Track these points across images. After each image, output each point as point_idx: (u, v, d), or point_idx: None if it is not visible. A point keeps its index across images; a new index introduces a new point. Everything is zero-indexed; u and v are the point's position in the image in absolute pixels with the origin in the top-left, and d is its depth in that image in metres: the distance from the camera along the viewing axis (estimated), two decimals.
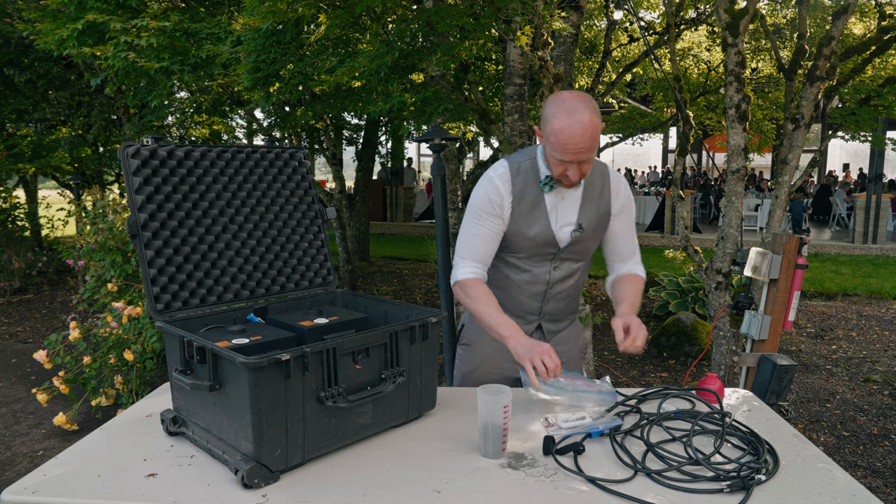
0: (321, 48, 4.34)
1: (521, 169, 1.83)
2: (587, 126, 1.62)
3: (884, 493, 3.24)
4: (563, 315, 1.99)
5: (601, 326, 6.50)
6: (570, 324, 2.04)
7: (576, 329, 2.07)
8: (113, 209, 4.28)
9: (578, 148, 1.63)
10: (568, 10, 5.00)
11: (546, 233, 1.82)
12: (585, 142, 1.63)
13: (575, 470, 1.36)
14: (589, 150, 1.66)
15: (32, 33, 5.11)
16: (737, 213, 3.70)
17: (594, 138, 1.65)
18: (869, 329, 6.54)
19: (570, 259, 1.89)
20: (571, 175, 1.70)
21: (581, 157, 1.66)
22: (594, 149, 1.68)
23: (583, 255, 1.92)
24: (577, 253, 1.89)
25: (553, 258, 1.87)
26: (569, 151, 1.64)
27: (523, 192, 1.81)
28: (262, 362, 1.26)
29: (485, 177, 1.84)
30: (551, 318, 1.97)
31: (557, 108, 1.65)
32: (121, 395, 3.89)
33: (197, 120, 8.81)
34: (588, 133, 1.62)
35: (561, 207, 1.83)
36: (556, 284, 1.91)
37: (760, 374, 2.89)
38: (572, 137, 1.62)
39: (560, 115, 1.64)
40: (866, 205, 11.92)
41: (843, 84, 4.36)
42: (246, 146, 1.85)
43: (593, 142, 1.65)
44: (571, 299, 1.99)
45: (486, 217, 1.82)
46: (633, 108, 10.37)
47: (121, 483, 1.31)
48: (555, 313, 1.97)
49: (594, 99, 6.52)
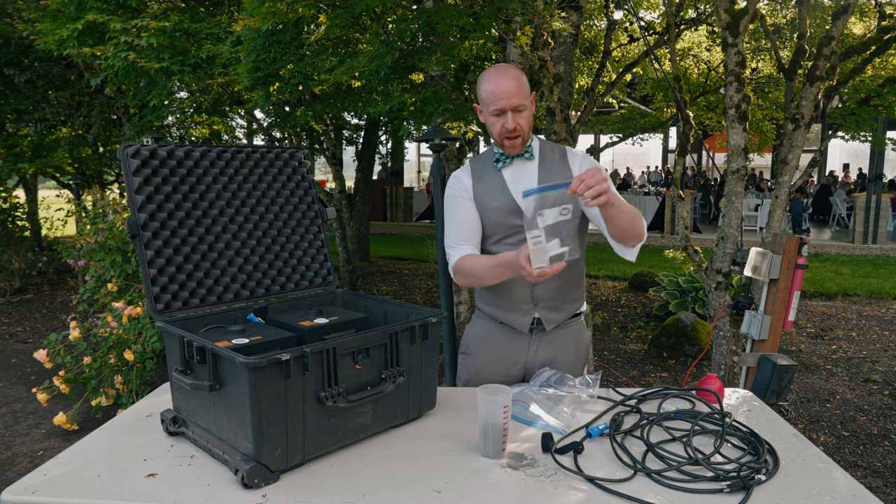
0: (321, 48, 4.34)
1: (479, 158, 1.98)
2: (510, 73, 1.77)
3: (884, 493, 3.24)
4: (560, 303, 1.92)
5: (601, 326, 6.50)
6: (571, 319, 1.98)
7: (578, 329, 2.01)
8: (113, 209, 4.28)
9: (507, 92, 1.76)
10: (568, 10, 5.00)
11: (509, 203, 1.87)
12: (511, 86, 1.76)
13: (575, 470, 1.36)
14: (517, 94, 1.76)
15: (32, 33, 5.11)
16: (737, 213, 3.70)
17: (520, 85, 1.77)
18: (869, 329, 6.54)
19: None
20: (509, 125, 1.79)
21: (511, 101, 1.76)
22: (523, 96, 1.78)
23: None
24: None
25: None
26: (499, 98, 1.77)
27: (482, 173, 1.93)
28: (262, 362, 1.26)
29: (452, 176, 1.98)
30: (547, 304, 1.91)
31: (483, 76, 1.83)
32: (121, 395, 3.89)
33: (197, 120, 8.81)
34: (512, 76, 1.77)
35: (520, 179, 1.89)
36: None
37: (760, 374, 2.89)
38: (497, 83, 1.77)
39: (487, 74, 1.82)
40: (866, 205, 11.93)
41: (843, 84, 4.37)
42: (246, 146, 1.85)
43: (520, 87, 1.77)
44: (566, 282, 1.91)
45: (456, 200, 1.93)
46: (633, 108, 10.37)
47: (121, 483, 1.31)
48: (550, 299, 1.91)
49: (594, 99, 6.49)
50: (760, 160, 19.71)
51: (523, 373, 1.98)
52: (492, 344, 1.98)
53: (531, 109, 1.84)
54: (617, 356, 5.58)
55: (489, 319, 2.00)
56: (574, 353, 2.00)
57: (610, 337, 6.20)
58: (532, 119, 1.86)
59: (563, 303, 1.94)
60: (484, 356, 1.99)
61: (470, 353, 2.03)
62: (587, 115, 6.25)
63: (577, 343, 2.01)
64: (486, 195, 1.90)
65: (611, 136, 10.34)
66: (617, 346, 5.91)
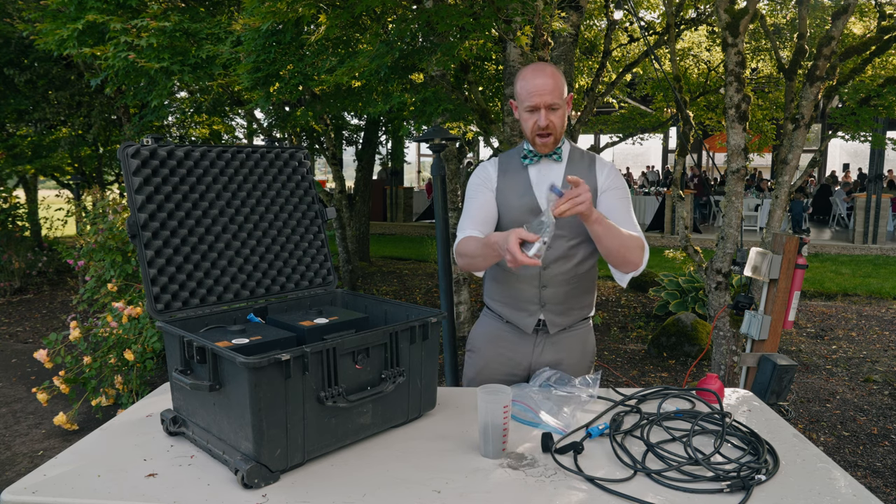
0: (321, 48, 4.35)
1: (508, 153, 1.99)
2: (548, 71, 1.79)
3: (884, 493, 3.24)
4: (567, 308, 1.92)
5: (601, 326, 6.51)
6: (578, 323, 1.97)
7: (585, 332, 2.00)
8: (113, 209, 4.28)
9: (542, 89, 1.77)
10: (568, 10, 5.00)
11: (531, 202, 1.88)
12: (548, 84, 1.77)
13: (574, 470, 1.36)
14: (552, 92, 1.78)
15: (32, 33, 5.11)
16: (737, 213, 3.70)
17: (556, 84, 1.79)
18: (869, 329, 6.54)
19: (562, 235, 1.85)
20: (541, 122, 1.79)
21: (546, 99, 1.78)
22: (558, 95, 1.79)
23: (574, 231, 1.86)
24: (567, 228, 1.85)
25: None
26: (535, 94, 1.78)
27: (508, 167, 1.94)
28: (262, 362, 1.26)
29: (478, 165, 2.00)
30: (554, 308, 1.91)
31: (520, 73, 1.86)
32: (121, 395, 3.89)
33: (197, 120, 8.81)
34: (549, 73, 1.78)
35: (544, 179, 1.89)
36: (552, 265, 1.87)
37: (760, 374, 2.89)
38: (534, 79, 1.78)
39: (524, 72, 1.84)
40: (866, 205, 11.93)
41: (843, 84, 4.36)
42: (246, 146, 1.85)
43: (556, 86, 1.78)
44: (575, 288, 1.91)
45: (478, 189, 1.94)
46: (633, 108, 10.37)
47: (121, 483, 1.31)
48: (557, 302, 1.90)
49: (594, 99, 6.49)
50: (760, 160, 19.70)
51: (528, 373, 1.98)
52: (497, 343, 1.99)
53: (566, 109, 1.85)
54: (617, 356, 5.58)
55: (496, 318, 2.01)
56: (579, 356, 1.99)
57: (610, 337, 6.20)
58: (566, 120, 1.86)
59: (571, 308, 1.94)
60: (489, 354, 2.00)
61: (475, 351, 2.05)
62: (587, 115, 6.26)
63: (583, 346, 2.00)
64: (509, 190, 1.91)
65: (611, 136, 10.33)
66: (617, 346, 5.91)
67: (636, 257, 1.77)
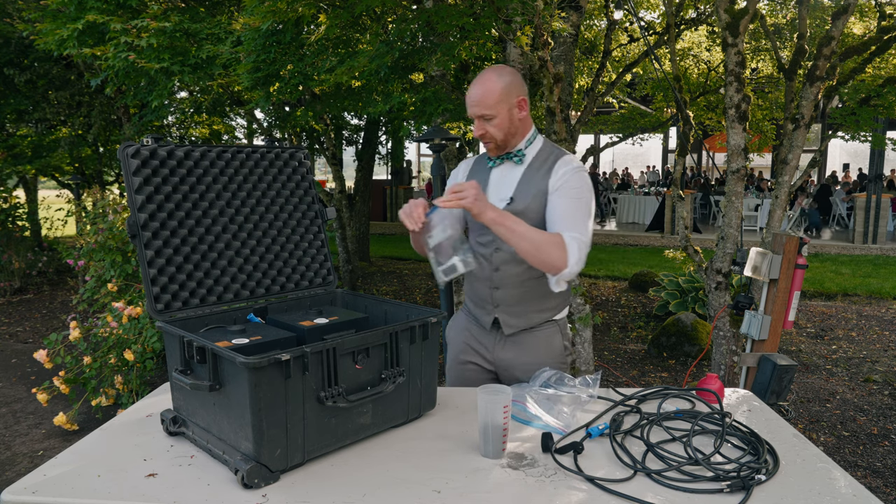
0: (321, 48, 4.35)
1: (482, 153, 2.04)
2: (483, 81, 1.80)
3: (884, 493, 3.24)
4: (522, 310, 1.91)
5: (601, 326, 6.51)
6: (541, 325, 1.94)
7: (549, 335, 1.96)
8: (113, 209, 4.28)
9: (473, 100, 1.80)
10: (568, 10, 5.00)
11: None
12: (476, 96, 1.79)
13: (574, 470, 1.36)
14: (481, 104, 1.79)
15: (32, 33, 5.11)
16: (737, 213, 3.70)
17: (490, 92, 1.79)
18: (869, 329, 6.54)
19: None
20: (475, 132, 1.84)
21: (474, 110, 1.81)
22: (487, 105, 1.79)
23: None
24: None
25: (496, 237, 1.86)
26: (469, 104, 1.82)
27: (476, 169, 2.01)
28: (262, 362, 1.26)
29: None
30: (507, 309, 1.92)
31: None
32: (121, 395, 3.89)
33: (197, 120, 8.81)
34: (482, 86, 1.79)
35: (503, 182, 1.92)
36: (503, 267, 1.88)
37: (760, 374, 2.89)
38: (470, 92, 1.82)
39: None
40: (866, 205, 11.92)
41: (843, 84, 4.36)
42: (246, 146, 1.85)
43: (486, 98, 1.79)
44: (529, 292, 1.90)
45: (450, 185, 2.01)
46: (633, 108, 10.37)
47: (121, 483, 1.31)
48: (510, 304, 1.91)
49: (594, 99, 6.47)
50: (760, 160, 19.71)
51: (493, 367, 2.00)
52: (464, 333, 2.05)
53: (510, 115, 1.82)
54: (617, 356, 5.58)
55: (466, 311, 2.08)
56: (546, 357, 1.95)
57: (610, 337, 6.20)
58: (511, 125, 1.84)
59: (526, 311, 1.93)
60: (460, 344, 2.05)
61: (449, 342, 2.12)
62: (587, 115, 6.26)
63: (549, 348, 1.96)
64: None
65: (611, 136, 10.34)
66: (617, 346, 5.91)
67: (554, 259, 1.71)
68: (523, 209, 1.83)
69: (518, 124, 1.86)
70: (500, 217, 1.68)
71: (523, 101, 1.85)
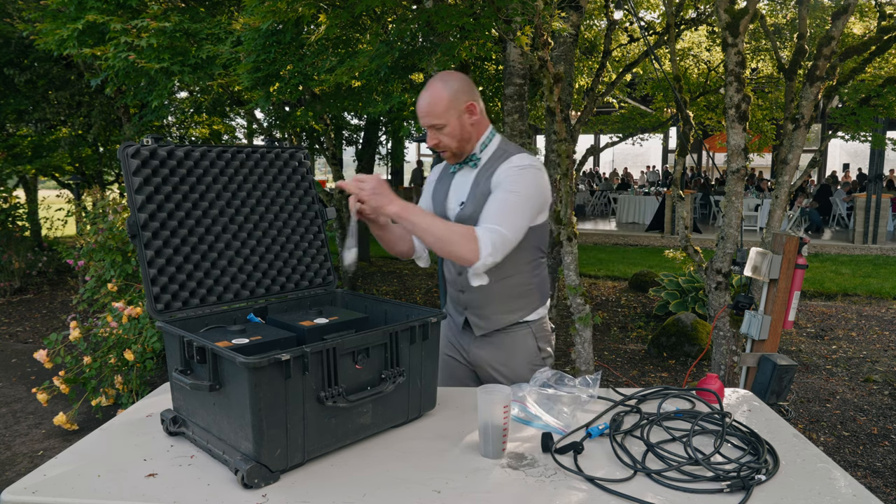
0: (321, 48, 4.35)
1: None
2: (429, 90, 1.80)
3: (884, 493, 3.24)
4: (489, 312, 1.92)
5: (601, 326, 6.51)
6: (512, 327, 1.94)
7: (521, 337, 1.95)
8: (113, 209, 4.28)
9: (422, 111, 1.81)
10: (568, 10, 5.00)
11: (440, 207, 1.99)
12: (423, 106, 1.80)
13: (575, 470, 1.36)
14: (427, 114, 1.80)
15: (32, 33, 5.11)
16: (737, 213, 3.69)
17: (435, 105, 1.79)
18: (869, 329, 6.54)
19: None
20: (428, 142, 1.85)
21: (426, 121, 1.81)
22: (435, 115, 1.80)
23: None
24: None
25: None
26: (419, 116, 1.83)
27: (442, 174, 2.04)
28: (262, 362, 1.26)
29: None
30: (475, 311, 1.94)
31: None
32: (121, 395, 3.89)
33: (197, 120, 8.81)
34: (429, 96, 1.80)
35: (460, 186, 1.95)
36: (465, 270, 1.91)
37: (760, 374, 2.89)
38: (418, 103, 1.83)
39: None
40: (866, 205, 11.92)
41: (843, 84, 4.36)
42: (246, 146, 1.85)
43: (434, 107, 1.79)
44: (492, 294, 1.91)
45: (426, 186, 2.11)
46: (633, 108, 10.37)
47: (121, 483, 1.31)
48: (477, 307, 1.93)
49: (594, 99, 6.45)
50: (760, 160, 19.71)
51: (468, 364, 2.04)
52: (447, 328, 2.09)
53: (460, 121, 1.82)
54: (617, 356, 5.58)
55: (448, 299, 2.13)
56: (519, 357, 1.95)
57: (610, 337, 6.20)
58: (463, 131, 1.84)
59: (493, 313, 1.93)
60: (443, 338, 2.08)
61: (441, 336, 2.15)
62: (587, 115, 6.26)
63: (522, 349, 1.96)
64: (434, 195, 2.04)
65: (611, 136, 10.34)
66: (617, 346, 5.91)
67: (464, 252, 1.68)
68: (471, 213, 1.84)
69: (471, 129, 1.85)
70: (404, 211, 1.67)
71: (473, 105, 1.83)
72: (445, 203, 1.98)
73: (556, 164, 5.02)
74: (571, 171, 3.69)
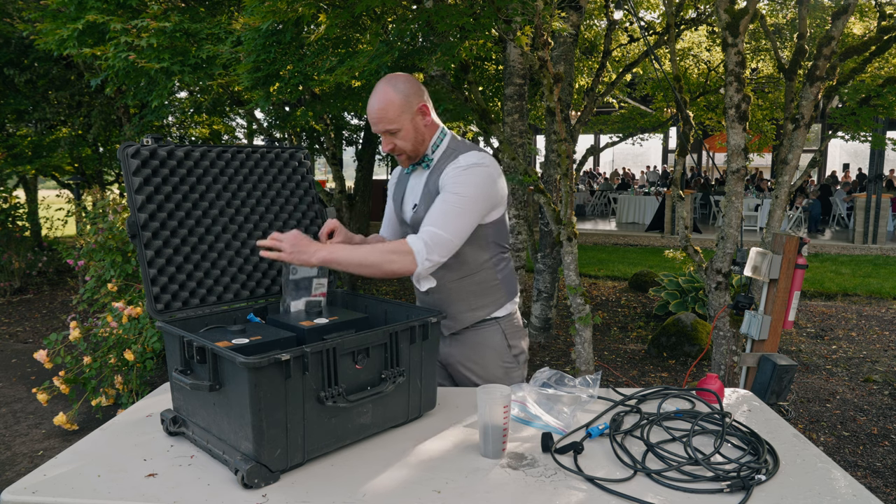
0: (321, 48, 4.34)
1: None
2: (379, 95, 1.77)
3: (884, 493, 3.24)
4: (452, 311, 1.92)
5: (601, 326, 6.51)
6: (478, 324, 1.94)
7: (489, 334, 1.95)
8: (113, 209, 4.28)
9: (374, 117, 1.78)
10: (568, 10, 5.00)
11: (398, 211, 2.02)
12: (375, 111, 1.77)
13: (575, 470, 1.36)
14: (379, 119, 1.77)
15: (32, 33, 5.11)
16: (737, 213, 3.69)
17: (387, 110, 1.76)
18: (869, 329, 6.54)
19: None
20: (383, 148, 1.84)
21: (380, 127, 1.79)
22: (388, 121, 1.77)
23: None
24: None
25: None
26: (371, 122, 1.80)
27: (399, 176, 2.05)
28: (263, 362, 1.26)
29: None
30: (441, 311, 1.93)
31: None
32: (121, 395, 3.89)
33: (197, 120, 8.82)
34: (377, 104, 1.77)
35: (414, 189, 1.95)
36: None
37: (760, 374, 2.89)
38: (369, 108, 1.79)
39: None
40: (866, 205, 11.92)
41: (843, 84, 4.36)
42: (246, 146, 1.85)
43: (386, 112, 1.76)
44: (454, 293, 1.90)
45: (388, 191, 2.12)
46: (633, 108, 10.37)
47: (121, 483, 1.31)
48: (440, 306, 1.91)
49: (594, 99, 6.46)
50: (760, 160, 19.70)
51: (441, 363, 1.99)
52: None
53: (414, 124, 1.80)
54: (617, 356, 5.58)
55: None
56: (490, 355, 1.95)
57: (610, 337, 6.20)
58: (417, 133, 1.82)
59: (459, 312, 1.92)
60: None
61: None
62: (587, 115, 6.26)
63: (490, 347, 1.95)
64: (393, 199, 2.06)
65: (611, 136, 10.33)
66: (617, 346, 5.91)
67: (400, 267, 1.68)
68: (424, 215, 1.82)
69: (424, 131, 1.84)
70: (329, 256, 1.64)
71: (424, 106, 1.82)
72: (402, 206, 2.00)
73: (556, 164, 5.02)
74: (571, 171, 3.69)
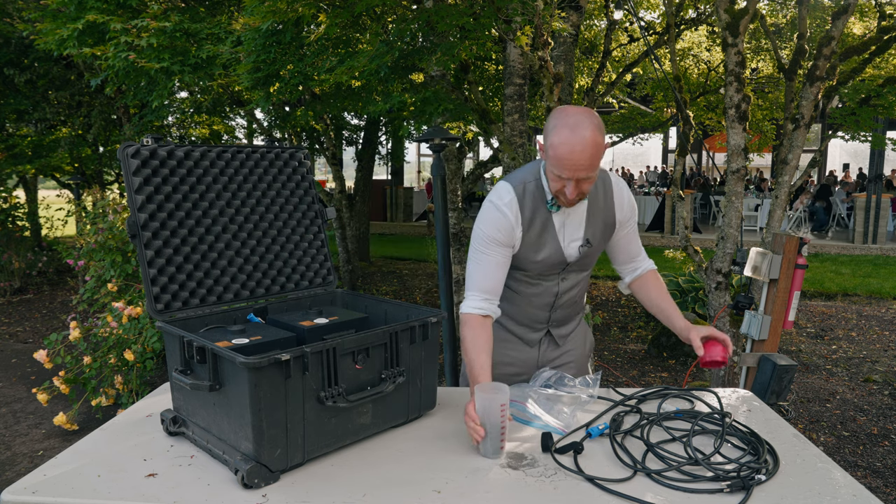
0: (321, 48, 4.34)
1: (527, 192, 1.76)
2: (588, 143, 1.55)
3: (884, 493, 3.24)
4: (569, 319, 2.00)
5: (601, 326, 6.51)
6: (577, 325, 2.04)
7: (582, 330, 2.07)
8: (113, 209, 4.28)
9: (576, 165, 1.57)
10: (568, 10, 5.00)
11: (556, 254, 1.79)
12: (585, 159, 1.56)
13: (574, 469, 1.36)
14: (588, 168, 1.58)
15: (32, 33, 5.11)
16: (737, 213, 3.69)
17: (595, 157, 1.57)
18: (869, 329, 6.54)
19: (576, 270, 1.89)
20: (569, 193, 1.62)
21: (579, 174, 1.58)
22: (594, 168, 1.60)
23: (588, 265, 1.92)
24: (583, 265, 1.89)
25: (561, 272, 1.86)
26: (566, 168, 1.58)
27: (532, 218, 1.76)
28: (262, 362, 1.26)
29: (492, 205, 1.75)
30: (559, 323, 1.98)
31: (560, 120, 1.59)
32: (121, 395, 3.89)
33: (197, 120, 8.81)
34: (588, 151, 1.55)
35: (568, 225, 1.79)
36: (564, 294, 1.91)
37: (760, 374, 2.89)
38: (571, 153, 1.56)
39: (561, 129, 1.57)
40: (866, 205, 11.92)
41: (843, 84, 4.36)
42: (246, 146, 1.85)
43: (594, 160, 1.58)
44: (577, 304, 2.00)
45: (495, 246, 1.75)
46: (633, 108, 10.37)
47: (121, 483, 1.31)
48: (562, 319, 1.98)
49: (594, 99, 6.47)
50: (760, 160, 19.70)
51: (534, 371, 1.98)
52: (503, 344, 1.93)
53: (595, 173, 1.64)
54: (617, 356, 5.58)
55: (499, 326, 1.95)
56: (580, 351, 2.05)
57: (610, 337, 6.20)
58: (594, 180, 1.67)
59: (573, 317, 2.01)
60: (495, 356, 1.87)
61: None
62: None
63: (584, 342, 2.07)
64: (533, 245, 1.78)
65: (611, 136, 10.33)
66: (617, 346, 5.91)
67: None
68: (597, 247, 1.86)
69: None
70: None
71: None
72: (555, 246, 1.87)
73: None
74: None
